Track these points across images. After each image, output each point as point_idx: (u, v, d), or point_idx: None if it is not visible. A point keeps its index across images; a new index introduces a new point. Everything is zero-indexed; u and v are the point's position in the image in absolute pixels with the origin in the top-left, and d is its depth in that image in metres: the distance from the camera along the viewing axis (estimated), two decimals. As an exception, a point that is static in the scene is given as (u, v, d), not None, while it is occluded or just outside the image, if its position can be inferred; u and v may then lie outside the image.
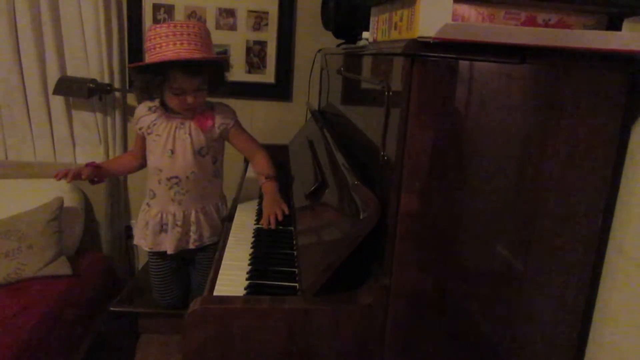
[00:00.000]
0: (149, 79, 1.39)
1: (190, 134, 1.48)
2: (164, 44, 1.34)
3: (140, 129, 1.54)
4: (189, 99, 1.41)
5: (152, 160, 1.52)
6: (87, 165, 1.53)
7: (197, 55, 1.35)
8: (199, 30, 1.37)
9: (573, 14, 0.83)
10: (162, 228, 1.55)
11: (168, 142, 1.48)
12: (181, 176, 1.50)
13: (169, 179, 1.50)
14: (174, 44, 1.33)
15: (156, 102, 1.53)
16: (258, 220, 1.47)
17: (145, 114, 1.53)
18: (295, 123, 2.33)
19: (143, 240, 1.58)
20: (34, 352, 1.57)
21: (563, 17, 0.82)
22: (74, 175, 1.46)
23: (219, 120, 1.52)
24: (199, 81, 1.41)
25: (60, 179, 1.46)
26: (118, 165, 1.68)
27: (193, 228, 1.55)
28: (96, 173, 1.54)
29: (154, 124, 1.50)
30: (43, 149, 2.29)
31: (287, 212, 1.42)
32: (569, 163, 0.84)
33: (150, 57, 1.37)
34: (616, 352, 0.86)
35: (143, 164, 1.63)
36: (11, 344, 1.51)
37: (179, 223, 1.53)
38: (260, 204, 1.62)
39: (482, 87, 0.80)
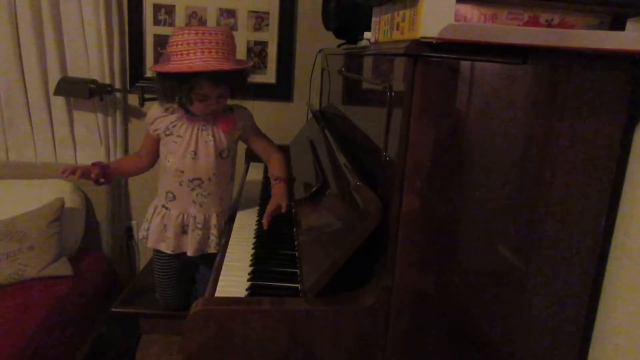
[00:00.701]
0: (175, 85, 1.38)
1: (213, 136, 1.48)
2: (191, 52, 1.33)
3: (155, 130, 1.51)
4: (213, 105, 1.42)
5: (172, 161, 1.49)
6: (94, 164, 1.49)
7: (225, 66, 1.35)
8: (226, 37, 1.37)
9: (576, 14, 0.82)
10: (183, 230, 1.54)
11: (191, 143, 1.47)
12: (204, 178, 1.49)
13: (191, 181, 1.48)
14: (202, 52, 1.33)
15: (173, 104, 1.50)
16: (259, 220, 1.47)
17: (161, 116, 1.50)
18: (296, 123, 2.33)
19: (163, 243, 1.55)
20: (35, 352, 1.57)
21: (566, 17, 0.82)
22: (82, 173, 1.42)
23: (239, 122, 1.53)
24: (223, 89, 1.42)
25: (67, 176, 1.41)
26: (125, 167, 1.66)
27: (214, 232, 1.53)
28: (103, 173, 1.50)
29: (174, 125, 1.48)
30: (44, 150, 2.29)
31: (288, 208, 1.42)
32: (571, 163, 0.83)
33: (175, 63, 1.36)
34: (620, 353, 0.85)
35: (150, 166, 1.61)
36: (12, 344, 1.51)
37: (199, 226, 1.52)
38: (261, 204, 1.62)
39: (485, 87, 0.80)
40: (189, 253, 1.53)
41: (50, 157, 2.31)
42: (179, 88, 1.38)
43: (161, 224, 1.54)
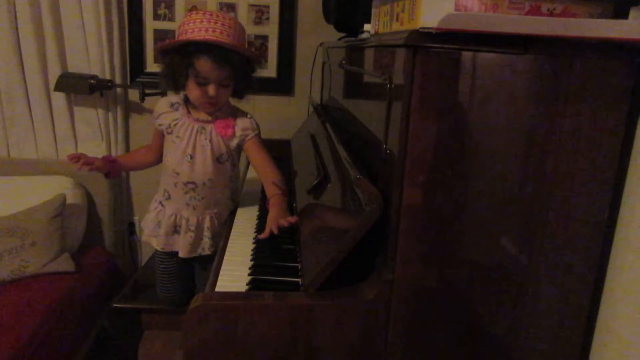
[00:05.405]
0: (175, 60, 1.36)
1: (210, 140, 1.45)
2: (196, 29, 1.33)
3: (159, 125, 1.50)
4: (211, 90, 1.37)
5: (170, 162, 1.48)
6: (102, 157, 1.51)
7: (225, 40, 1.33)
8: (234, 23, 1.37)
9: (578, 3, 0.81)
10: (175, 230, 1.52)
11: (188, 146, 1.44)
12: (198, 182, 1.46)
13: (185, 184, 1.47)
14: (206, 31, 1.32)
15: (178, 98, 1.49)
16: (259, 215, 1.46)
17: (166, 111, 1.49)
18: (297, 117, 2.32)
19: (154, 238, 1.56)
20: (38, 348, 1.57)
21: (568, 6, 0.81)
22: (85, 162, 1.44)
23: (239, 129, 1.48)
24: (224, 74, 1.38)
25: (71, 159, 1.44)
26: (134, 160, 1.65)
27: (208, 234, 1.51)
28: (111, 166, 1.52)
29: (175, 124, 1.47)
30: (45, 146, 2.29)
31: (293, 221, 1.25)
32: (573, 155, 0.83)
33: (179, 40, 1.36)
34: (622, 346, 0.85)
35: (159, 159, 1.60)
36: (15, 340, 1.52)
37: (192, 228, 1.50)
38: (261, 199, 1.61)
39: (485, 78, 0.79)
40: (181, 254, 1.53)
41: (52, 153, 2.30)
42: (180, 63, 1.35)
43: (155, 220, 1.55)
